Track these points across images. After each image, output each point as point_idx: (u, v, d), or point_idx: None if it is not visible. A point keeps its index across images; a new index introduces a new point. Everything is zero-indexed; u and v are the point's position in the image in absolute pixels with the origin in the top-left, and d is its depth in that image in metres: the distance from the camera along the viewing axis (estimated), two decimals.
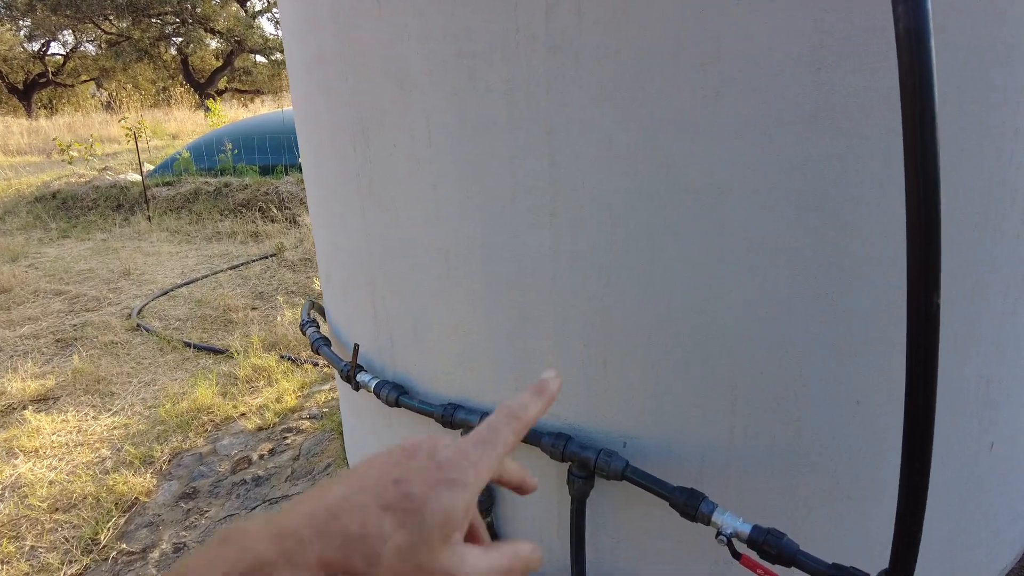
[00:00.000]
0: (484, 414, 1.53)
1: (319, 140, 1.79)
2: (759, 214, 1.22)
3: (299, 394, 3.46)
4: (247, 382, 3.70)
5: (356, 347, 1.75)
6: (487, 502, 1.64)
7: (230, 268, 6.11)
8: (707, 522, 1.28)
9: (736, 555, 1.22)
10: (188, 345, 4.35)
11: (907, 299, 0.79)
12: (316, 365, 3.86)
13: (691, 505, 1.29)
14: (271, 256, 6.42)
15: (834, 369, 1.31)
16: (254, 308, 5.13)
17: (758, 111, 1.15)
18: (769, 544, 1.20)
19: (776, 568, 1.21)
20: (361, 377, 1.76)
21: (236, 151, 8.74)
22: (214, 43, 28.54)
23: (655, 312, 1.33)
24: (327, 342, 2.04)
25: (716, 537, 1.25)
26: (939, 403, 1.37)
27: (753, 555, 1.22)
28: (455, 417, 1.56)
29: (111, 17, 24.58)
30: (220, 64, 28.99)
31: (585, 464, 1.41)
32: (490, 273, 1.46)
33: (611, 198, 1.28)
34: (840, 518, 1.44)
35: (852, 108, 1.13)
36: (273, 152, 8.93)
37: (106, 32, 25.71)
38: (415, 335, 1.67)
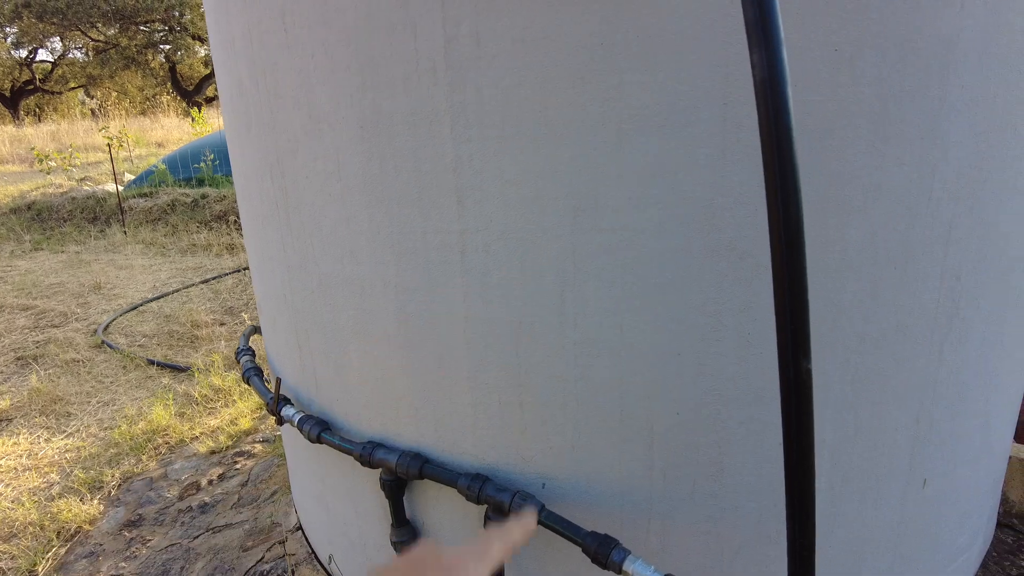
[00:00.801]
0: (403, 453, 1.48)
1: (244, 170, 1.75)
2: (671, 255, 1.18)
3: (255, 416, 3.39)
4: (205, 403, 3.63)
5: (278, 381, 1.70)
6: (409, 542, 1.59)
7: (202, 282, 6.04)
8: (618, 571, 1.23)
9: None
10: (151, 363, 4.28)
11: (778, 365, 0.75)
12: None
13: (602, 552, 1.25)
14: (244, 269, 6.35)
15: (755, 412, 1.28)
16: (222, 324, 5.06)
17: (664, 149, 1.12)
18: None
19: None
20: (285, 411, 1.71)
21: (216, 161, 8.67)
22: (202, 51, 28.49)
23: (568, 353, 1.29)
24: (259, 372, 1.99)
25: None
26: (856, 442, 1.34)
27: None
28: (374, 456, 1.51)
29: (98, 24, 24.47)
30: (209, 71, 28.89)
31: (500, 507, 1.36)
32: (405, 313, 1.41)
33: (519, 238, 1.24)
34: (766, 562, 1.40)
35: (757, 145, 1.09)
36: None
37: (93, 39, 25.60)
38: (336, 372, 1.62)
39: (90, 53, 26.99)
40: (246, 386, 3.77)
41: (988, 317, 1.43)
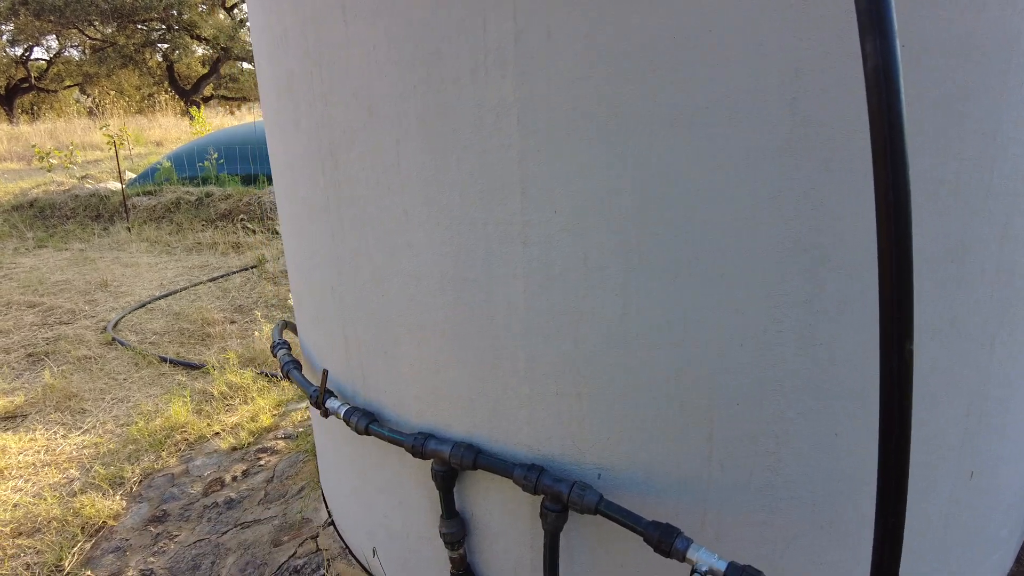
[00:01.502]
0: (456, 444, 1.49)
1: (290, 161, 1.75)
2: (735, 247, 1.19)
3: (275, 413, 3.39)
4: (223, 399, 3.62)
5: (325, 373, 1.71)
6: (459, 533, 1.59)
7: (210, 280, 6.02)
8: (681, 558, 1.24)
9: None
10: (164, 360, 4.26)
11: (880, 346, 0.77)
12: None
13: (665, 541, 1.26)
14: (251, 268, 6.33)
15: (812, 404, 1.29)
16: (233, 322, 5.05)
17: (732, 142, 1.13)
18: None
19: None
20: (331, 403, 1.71)
21: (221, 160, 8.64)
22: (200, 50, 28.42)
23: (632, 346, 1.30)
24: (298, 366, 1.99)
25: (691, 575, 1.21)
26: (918, 435, 1.35)
27: None
28: (426, 447, 1.52)
29: (96, 23, 24.36)
30: (206, 71, 28.80)
31: (558, 497, 1.37)
32: (462, 304, 1.42)
33: (583, 230, 1.25)
34: (820, 552, 1.41)
35: (827, 138, 1.11)
36: (255, 162, 8.85)
37: (91, 38, 25.48)
38: (386, 364, 1.62)
39: (87, 51, 26.87)
40: (264, 383, 3.76)
41: None
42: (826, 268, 1.19)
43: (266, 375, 3.90)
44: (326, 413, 1.72)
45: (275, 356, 2.08)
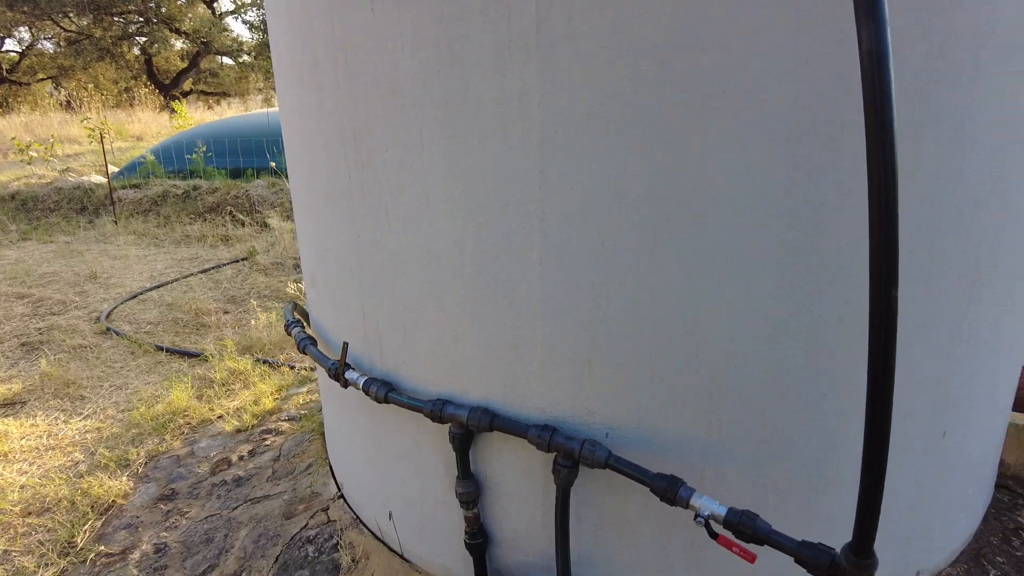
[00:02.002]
0: (473, 408, 1.59)
1: (310, 146, 1.84)
2: (741, 228, 1.31)
3: (276, 396, 3.46)
4: (223, 385, 3.68)
5: (345, 345, 1.80)
6: (474, 493, 1.70)
7: (201, 272, 6.04)
8: (685, 506, 1.36)
9: (713, 535, 1.31)
10: (160, 348, 4.30)
11: (869, 291, 0.89)
12: (293, 368, 3.86)
13: (671, 490, 1.37)
14: (242, 260, 6.36)
15: (804, 365, 1.42)
16: (226, 312, 5.09)
17: (742, 124, 1.25)
18: (744, 525, 1.29)
19: (750, 547, 1.29)
20: (350, 375, 1.80)
21: (209, 154, 8.62)
22: (179, 44, 28.06)
23: (641, 315, 1.41)
24: (313, 342, 2.08)
25: (695, 519, 1.33)
26: (897, 398, 1.48)
27: (729, 535, 1.30)
28: (444, 412, 1.62)
29: (71, 14, 23.95)
30: (186, 65, 28.45)
31: (570, 454, 1.48)
32: (481, 279, 1.52)
33: (600, 210, 1.36)
34: (809, 503, 1.54)
35: (828, 122, 1.23)
36: (243, 155, 8.84)
37: (65, 30, 25.03)
38: (404, 336, 1.72)
39: (62, 43, 26.38)
40: (263, 369, 3.83)
41: (1001, 297, 1.59)
42: (820, 240, 1.31)
43: (266, 362, 3.96)
44: (345, 384, 1.81)
45: (290, 334, 2.16)
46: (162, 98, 26.16)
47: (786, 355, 1.40)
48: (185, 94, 28.51)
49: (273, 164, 7.78)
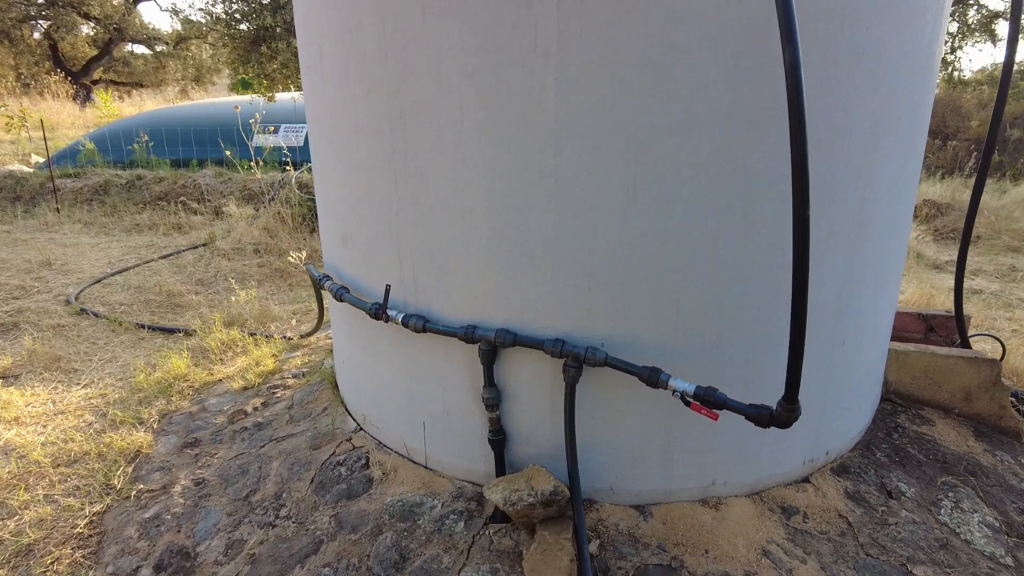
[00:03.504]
0: (499, 330, 2.06)
1: (352, 126, 2.24)
2: (697, 178, 1.84)
3: (277, 358, 3.78)
4: (217, 352, 3.96)
5: (388, 288, 2.22)
6: (497, 398, 2.16)
7: (162, 257, 6.16)
8: (665, 387, 1.88)
9: (687, 403, 1.84)
10: (142, 326, 4.49)
11: (792, 212, 1.42)
12: (287, 338, 4.17)
13: (654, 377, 1.89)
14: (202, 246, 6.50)
15: (744, 286, 1.97)
16: (197, 293, 5.29)
17: (694, 115, 1.77)
18: (708, 395, 1.82)
19: (713, 411, 1.83)
20: (390, 312, 2.22)
21: (152, 143, 8.56)
22: (86, 28, 26.59)
23: (626, 251, 1.92)
24: (346, 290, 2.48)
25: (672, 394, 1.86)
26: (808, 316, 2.05)
27: (698, 404, 1.83)
28: (475, 334, 2.08)
29: None
30: (97, 52, 26.98)
31: (577, 357, 1.97)
32: (504, 226, 1.99)
33: (596, 169, 1.86)
34: (749, 387, 2.10)
35: (756, 104, 1.77)
36: (187, 145, 8.83)
37: None
38: (438, 278, 2.16)
39: None
40: (254, 338, 4.11)
41: (881, 232, 2.21)
42: (754, 190, 1.86)
43: (255, 334, 4.25)
44: (387, 319, 2.23)
45: (324, 288, 2.55)
46: (74, 87, 24.78)
47: (730, 280, 1.95)
48: (95, 82, 27.07)
49: (228, 153, 7.86)
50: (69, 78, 25.40)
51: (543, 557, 1.93)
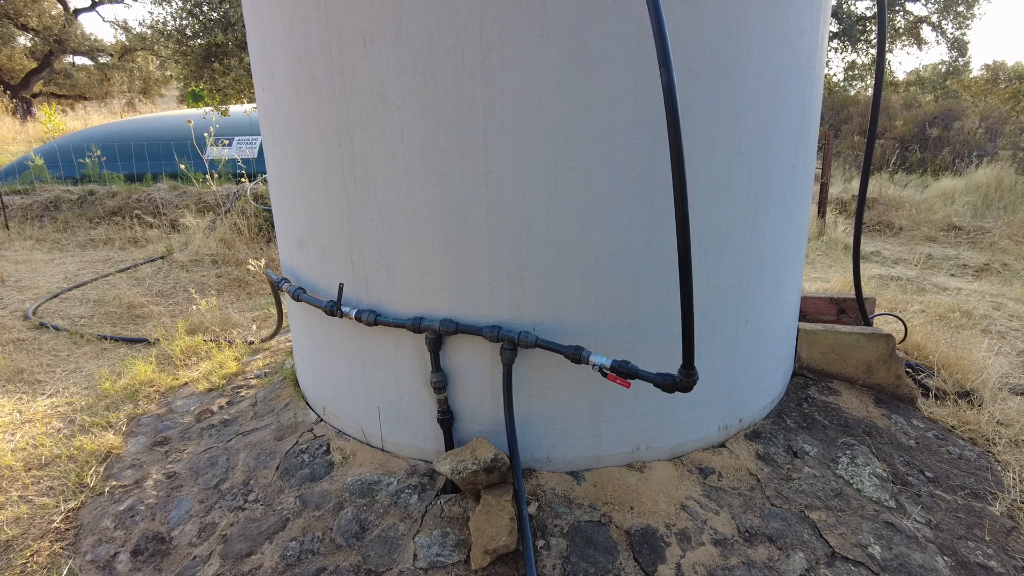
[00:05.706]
0: (443, 320, 2.31)
1: (304, 138, 2.47)
2: (607, 182, 2.13)
3: (240, 360, 3.95)
4: (182, 358, 4.11)
5: (341, 286, 2.45)
6: (444, 381, 2.42)
7: (118, 271, 6.21)
8: (588, 363, 2.17)
9: (604, 375, 2.13)
10: (104, 338, 4.59)
11: (674, 208, 1.72)
12: (249, 342, 4.33)
13: (577, 354, 2.18)
14: (159, 259, 6.57)
15: (653, 273, 2.27)
16: (157, 304, 5.39)
17: (605, 123, 2.07)
18: (622, 367, 2.11)
19: (627, 381, 2.12)
20: (345, 308, 2.46)
21: (104, 158, 8.54)
22: (23, 39, 25.85)
23: (551, 245, 2.20)
24: (303, 290, 2.70)
25: (592, 368, 2.14)
26: (707, 293, 2.37)
27: (614, 376, 2.12)
28: (422, 324, 2.33)
29: None
30: (36, 65, 26.24)
31: (512, 341, 2.25)
32: (446, 226, 2.25)
33: (522, 175, 2.14)
34: (658, 360, 2.40)
35: (654, 120, 2.08)
36: (139, 159, 8.83)
37: None
38: (387, 276, 2.41)
39: None
40: (215, 344, 4.27)
41: (776, 223, 2.54)
42: (656, 192, 2.16)
43: (214, 340, 4.40)
44: (342, 315, 2.46)
45: (282, 289, 2.76)
46: (12, 101, 24.07)
47: (642, 268, 2.25)
48: (35, 95, 26.32)
49: (183, 166, 7.91)
50: (8, 92, 24.67)
51: (487, 517, 2.19)
